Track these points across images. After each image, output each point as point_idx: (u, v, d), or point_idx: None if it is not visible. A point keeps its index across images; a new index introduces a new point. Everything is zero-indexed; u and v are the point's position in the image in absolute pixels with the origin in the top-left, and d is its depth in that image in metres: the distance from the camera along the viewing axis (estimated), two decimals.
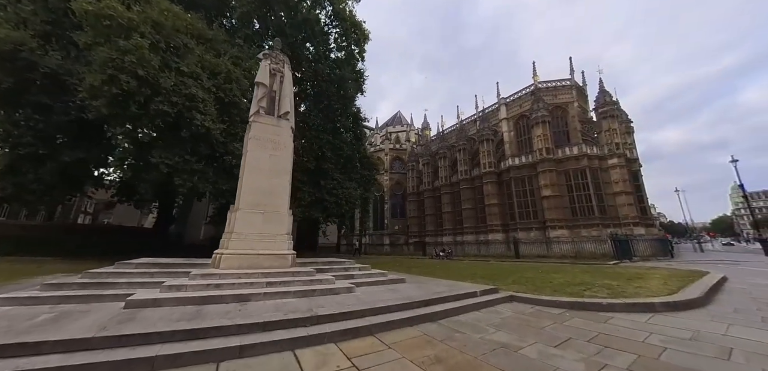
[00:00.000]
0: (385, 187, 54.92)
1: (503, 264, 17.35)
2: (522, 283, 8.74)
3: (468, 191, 40.44)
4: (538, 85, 36.78)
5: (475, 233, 37.88)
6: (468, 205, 39.99)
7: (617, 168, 30.54)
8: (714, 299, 6.50)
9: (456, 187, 42.63)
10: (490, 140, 38.70)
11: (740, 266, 14.52)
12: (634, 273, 10.50)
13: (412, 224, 49.81)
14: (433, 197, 47.02)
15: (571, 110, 35.95)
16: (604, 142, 31.87)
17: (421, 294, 6.34)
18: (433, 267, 15.67)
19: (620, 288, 7.42)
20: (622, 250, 18.84)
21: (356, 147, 28.99)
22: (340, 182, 25.67)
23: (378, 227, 54.68)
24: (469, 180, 40.59)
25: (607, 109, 32.76)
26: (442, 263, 19.85)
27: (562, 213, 30.48)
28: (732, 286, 8.21)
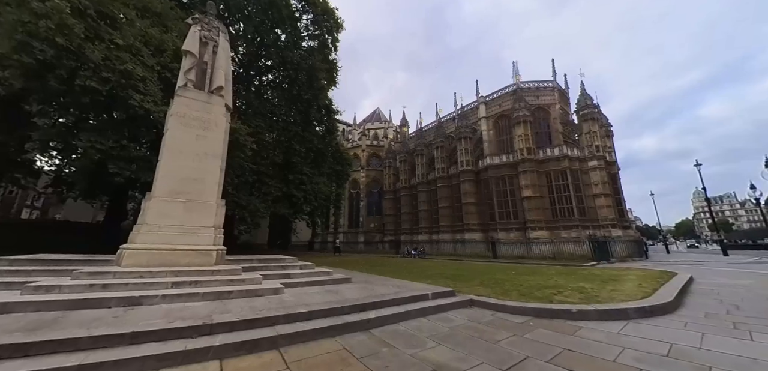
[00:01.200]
0: (362, 184, 54.20)
1: (477, 264, 16.97)
2: (488, 285, 8.22)
3: (445, 190, 40.28)
4: (520, 85, 37.10)
5: (451, 232, 37.73)
6: (445, 203, 39.84)
7: (597, 170, 31.14)
8: (685, 302, 6.20)
9: (433, 185, 42.43)
10: (468, 138, 38.65)
11: (703, 267, 15.12)
12: (610, 275, 10.26)
13: (389, 222, 49.32)
14: (410, 195, 46.70)
15: (553, 112, 36.47)
16: (585, 144, 32.44)
17: (362, 296, 5.64)
18: (399, 266, 15.08)
19: (594, 291, 7.01)
20: (600, 251, 18.97)
21: (328, 141, 28.09)
22: (309, 176, 24.73)
23: (354, 225, 53.90)
24: (446, 178, 40.45)
25: (588, 111, 33.38)
26: (411, 262, 19.32)
27: (542, 214, 30.74)
28: (699, 287, 8.13)
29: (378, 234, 50.52)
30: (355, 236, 51.91)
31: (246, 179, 21.25)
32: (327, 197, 28.71)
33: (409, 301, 5.57)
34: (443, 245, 36.63)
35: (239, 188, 20.64)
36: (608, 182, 30.84)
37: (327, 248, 53.38)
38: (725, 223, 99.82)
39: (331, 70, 27.47)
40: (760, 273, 11.52)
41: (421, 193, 44.00)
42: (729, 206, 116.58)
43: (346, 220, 54.71)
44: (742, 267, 14.52)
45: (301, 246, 51.73)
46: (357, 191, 55.14)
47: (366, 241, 50.05)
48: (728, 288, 7.88)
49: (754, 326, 4.44)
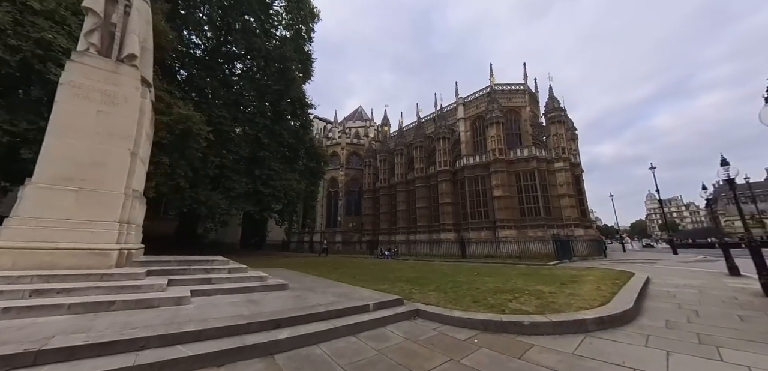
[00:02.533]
0: (341, 183, 52.86)
1: (443, 265, 16.31)
2: (444, 290, 7.44)
3: (423, 190, 39.81)
4: (494, 87, 37.05)
5: (428, 232, 37.27)
6: (422, 203, 39.35)
7: (562, 171, 31.51)
8: (644, 307, 5.64)
9: (411, 185, 41.86)
10: (447, 138, 38.34)
11: (657, 265, 15.18)
12: (570, 276, 9.77)
13: (367, 222, 48.32)
14: (389, 194, 45.95)
15: (524, 114, 36.64)
16: (552, 146, 32.79)
17: (286, 308, 4.66)
18: (363, 269, 14.16)
19: (552, 295, 6.35)
20: (563, 251, 18.84)
21: (301, 136, 26.74)
22: (279, 172, 23.30)
23: (332, 225, 52.45)
24: (425, 178, 40.00)
25: (555, 114, 33.77)
26: (379, 263, 18.45)
27: (511, 213, 30.75)
28: (656, 289, 7.69)
29: (356, 234, 49.37)
30: (333, 236, 50.29)
31: (207, 173, 19.58)
32: (299, 195, 27.32)
33: (342, 314, 4.63)
34: (420, 246, 35.98)
35: (198, 182, 18.99)
36: (572, 183, 31.27)
37: (303, 248, 51.80)
38: (673, 223, 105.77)
39: (306, 62, 26.11)
40: (708, 272, 11.54)
41: (400, 193, 43.34)
42: (676, 208, 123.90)
43: (324, 219, 53.19)
44: (691, 266, 14.72)
45: (276, 246, 49.87)
46: (336, 189, 53.73)
47: (344, 241, 48.57)
48: (683, 290, 7.49)
49: (718, 338, 3.83)
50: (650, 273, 11.12)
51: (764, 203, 65.03)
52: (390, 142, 50.79)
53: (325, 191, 53.88)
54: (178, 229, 26.08)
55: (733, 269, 10.39)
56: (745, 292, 7.23)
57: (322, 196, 53.68)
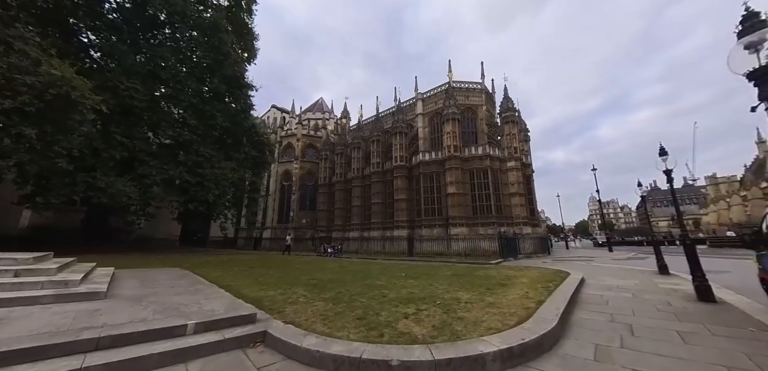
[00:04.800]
0: (295, 176, 50.07)
1: (379, 264, 15.01)
2: (342, 299, 6.07)
3: (379, 185, 38.57)
4: (452, 84, 36.67)
5: (381, 228, 36.11)
6: (377, 199, 38.12)
7: (514, 171, 31.97)
8: (573, 321, 4.65)
9: (367, 180, 40.48)
10: (404, 133, 37.41)
11: (593, 263, 15.42)
12: (504, 277, 8.90)
13: (321, 218, 46.19)
14: (345, 189, 44.20)
15: (480, 113, 36.74)
16: (505, 145, 33.19)
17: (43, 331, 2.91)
18: (282, 268, 12.46)
19: (467, 307, 5.19)
20: (509, 248, 18.60)
21: (240, 121, 24.02)
22: (209, 158, 20.59)
23: (284, 220, 49.46)
24: (381, 173, 38.78)
25: (509, 114, 34.26)
26: (311, 262, 16.82)
27: (463, 211, 30.50)
28: (589, 294, 6.90)
29: (309, 230, 46.95)
30: (284, 233, 47.17)
31: (112, 154, 16.51)
32: (237, 186, 24.63)
33: (143, 340, 2.99)
34: (372, 243, 34.55)
35: (99, 165, 15.91)
36: (523, 183, 31.82)
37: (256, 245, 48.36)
38: (610, 223, 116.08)
39: (246, 37, 23.31)
40: (639, 270, 11.48)
41: (356, 188, 41.70)
42: (613, 209, 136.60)
43: (275, 214, 49.98)
44: (623, 263, 14.93)
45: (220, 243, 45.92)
46: (289, 183, 50.76)
47: (296, 237, 45.65)
48: (617, 294, 6.78)
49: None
50: (586, 272, 10.86)
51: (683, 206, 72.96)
52: (348, 135, 49.00)
53: (278, 184, 50.76)
54: (84, 221, 22.26)
55: (663, 268, 10.34)
56: (677, 295, 6.69)
57: (275, 190, 50.53)
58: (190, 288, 6.52)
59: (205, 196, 20.24)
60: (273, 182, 50.57)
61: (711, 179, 75.29)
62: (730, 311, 5.26)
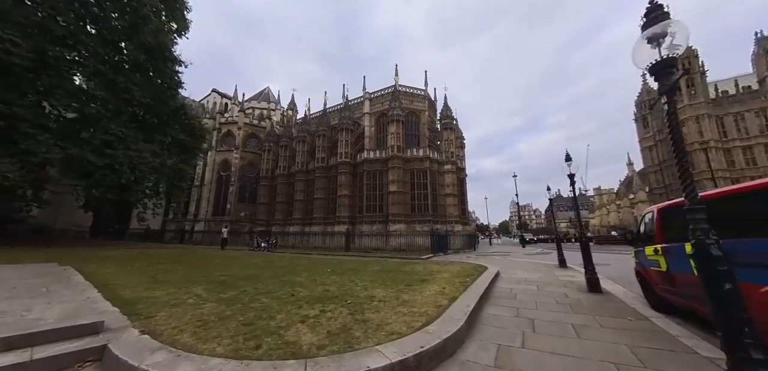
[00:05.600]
0: (235, 166, 45.84)
1: (308, 259, 14.05)
2: (241, 301, 5.16)
3: (322, 180, 37.09)
4: (398, 87, 36.79)
5: (323, 224, 34.77)
6: (321, 195, 36.64)
7: (450, 173, 33.39)
8: (481, 318, 4.41)
9: (311, 174, 38.69)
10: (350, 130, 36.48)
11: (509, 257, 16.30)
12: (428, 272, 8.71)
13: (261, 212, 42.96)
14: (288, 183, 41.70)
15: (423, 118, 37.52)
16: (443, 149, 34.46)
17: None
18: (202, 263, 10.86)
19: (377, 307, 4.66)
20: (440, 244, 19.00)
21: (164, 99, 20.70)
22: (122, 138, 17.32)
23: (220, 213, 44.89)
24: (325, 168, 37.35)
25: (448, 121, 35.72)
26: (235, 258, 15.22)
27: (403, 208, 30.81)
28: (501, 288, 6.93)
29: (248, 224, 43.20)
30: (220, 226, 42.42)
31: None
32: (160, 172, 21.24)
33: None
34: (314, 238, 32.72)
35: None
36: (457, 185, 33.29)
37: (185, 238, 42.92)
38: (525, 224, 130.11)
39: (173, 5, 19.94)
40: (544, 264, 12.35)
41: (299, 182, 39.52)
42: (528, 212, 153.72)
43: (210, 206, 45.05)
44: (533, 258, 16.11)
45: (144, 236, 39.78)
46: (228, 173, 46.24)
47: (233, 231, 41.31)
48: (524, 288, 6.93)
49: None
50: (502, 266, 11.33)
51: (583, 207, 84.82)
52: (294, 128, 46.37)
53: (215, 174, 45.85)
54: None
55: (562, 262, 11.27)
56: (572, 286, 7.07)
57: (212, 180, 45.56)
58: (42, 288, 4.90)
59: (115, 181, 16.93)
60: (209, 172, 45.53)
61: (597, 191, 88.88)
62: (612, 300, 5.59)
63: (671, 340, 3.51)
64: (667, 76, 2.35)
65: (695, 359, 3.09)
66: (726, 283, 2.02)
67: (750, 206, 3.25)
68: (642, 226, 5.44)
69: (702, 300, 3.83)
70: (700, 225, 2.16)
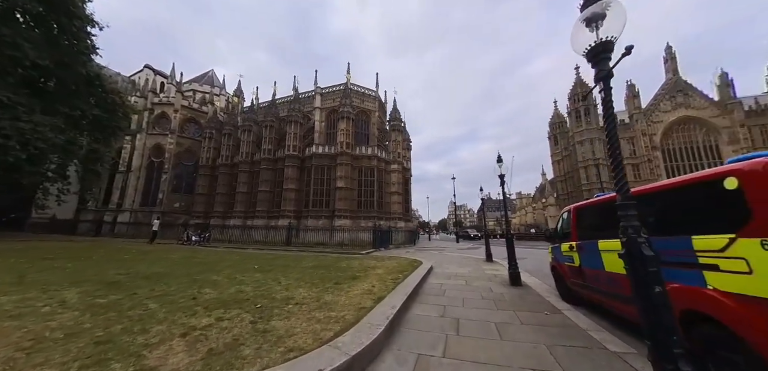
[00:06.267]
0: (169, 152, 40.00)
1: (237, 255, 12.47)
2: (120, 307, 3.91)
3: (268, 173, 34.21)
4: (350, 85, 35.69)
5: (266, 217, 32.09)
6: (266, 187, 33.76)
7: (396, 173, 33.42)
8: (405, 320, 3.86)
9: (257, 166, 35.45)
10: (300, 123, 34.22)
11: (444, 252, 16.42)
12: (364, 267, 8.08)
13: (199, 203, 38.15)
14: (230, 174, 37.65)
15: (373, 118, 36.97)
16: (391, 150, 34.39)
17: None
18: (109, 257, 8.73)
19: (293, 310, 3.85)
20: (382, 239, 18.63)
21: (69, 63, 16.60)
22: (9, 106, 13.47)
23: (150, 203, 38.78)
24: (272, 161, 34.50)
25: (396, 123, 35.74)
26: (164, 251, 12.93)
27: (349, 204, 29.91)
28: (432, 284, 6.55)
29: (184, 216, 37.96)
30: (149, 217, 36.31)
31: None
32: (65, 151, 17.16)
33: None
34: (256, 232, 29.87)
35: None
36: (402, 184, 33.48)
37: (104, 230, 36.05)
38: (460, 222, 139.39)
39: None
40: (474, 258, 12.64)
41: (243, 174, 35.82)
42: (463, 212, 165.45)
43: (138, 195, 38.63)
44: (465, 252, 16.55)
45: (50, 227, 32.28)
46: (161, 159, 40.13)
47: (166, 223, 35.55)
48: (453, 283, 6.69)
49: None
50: (437, 261, 11.26)
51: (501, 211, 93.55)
52: (239, 117, 42.07)
53: (145, 159, 39.33)
54: None
55: (489, 257, 11.63)
56: (496, 280, 7.07)
57: (141, 166, 38.95)
58: None
59: (5, 161, 13.00)
60: (138, 157, 38.87)
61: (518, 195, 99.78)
62: (530, 294, 5.57)
63: (583, 335, 3.37)
64: (604, 60, 1.99)
65: (606, 355, 2.92)
66: (656, 286, 1.69)
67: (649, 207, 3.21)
68: (559, 224, 5.52)
69: (606, 295, 3.85)
70: (631, 222, 1.82)
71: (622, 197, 1.89)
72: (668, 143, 45.23)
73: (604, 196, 4.29)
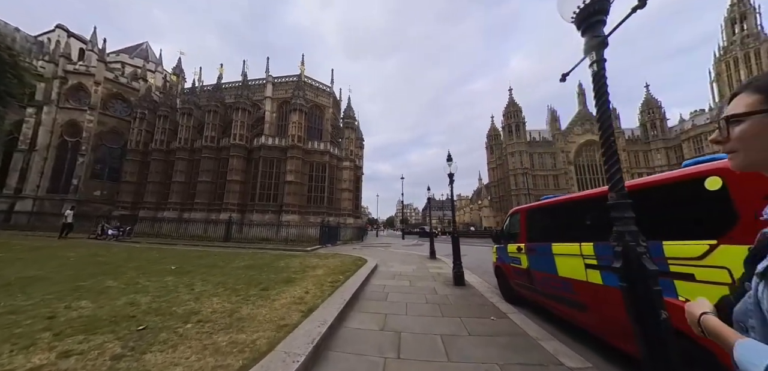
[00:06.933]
0: (89, 131, 32.89)
1: (157, 252, 10.32)
2: None
3: (210, 162, 30.23)
4: (304, 78, 33.34)
5: (207, 210, 28.29)
6: (207, 178, 29.76)
7: (348, 170, 32.35)
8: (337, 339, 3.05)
9: (197, 154, 31.06)
10: (248, 111, 30.89)
11: (390, 249, 15.99)
12: (304, 266, 7.04)
13: (127, 192, 32.14)
14: (166, 161, 32.41)
15: (327, 114, 35.23)
16: (344, 147, 33.15)
17: None
18: None
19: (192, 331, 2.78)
20: (330, 235, 17.50)
21: None
22: None
23: (62, 190, 31.38)
24: (215, 149, 30.57)
25: (350, 121, 34.63)
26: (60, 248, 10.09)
27: (298, 199, 27.95)
28: (373, 287, 5.78)
29: (107, 206, 31.45)
30: (59, 206, 28.88)
31: None
32: None
33: None
34: (194, 226, 25.42)
35: None
36: (353, 181, 32.54)
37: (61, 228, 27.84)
38: (407, 220, 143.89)
39: None
40: (418, 255, 12.39)
41: (181, 161, 31.01)
42: (410, 210, 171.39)
43: (46, 179, 30.95)
44: (410, 249, 16.26)
45: None
46: (77, 139, 32.78)
47: (82, 214, 28.49)
48: (397, 284, 6.10)
49: None
50: (382, 258, 10.69)
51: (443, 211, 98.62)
52: (179, 98, 36.46)
53: (55, 137, 31.53)
54: None
55: (433, 253, 11.47)
56: (440, 279, 6.68)
57: (49, 145, 31.07)
58: None
59: None
60: (45, 134, 30.99)
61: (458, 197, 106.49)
62: (475, 295, 5.20)
63: (535, 347, 2.96)
64: (597, 25, 1.45)
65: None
66: (662, 311, 1.17)
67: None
68: (507, 224, 5.26)
69: (556, 299, 3.47)
70: (628, 227, 1.30)
71: (617, 195, 1.36)
72: (579, 160, 52.41)
73: (557, 198, 4.00)
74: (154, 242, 14.97)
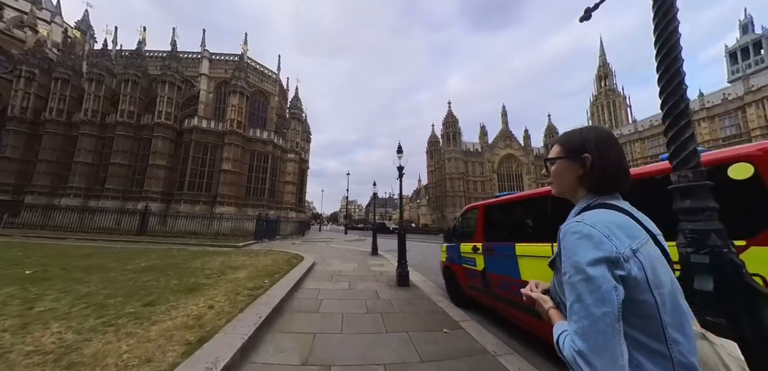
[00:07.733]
0: None
1: (20, 250, 7.44)
2: None
3: (127, 141, 24.41)
4: (248, 59, 29.21)
5: (121, 199, 22.79)
6: (123, 160, 23.95)
7: (293, 162, 29.78)
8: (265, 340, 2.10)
9: (109, 131, 24.81)
10: (178, 87, 25.76)
11: (331, 244, 14.92)
12: (226, 267, 5.61)
13: (8, 171, 23.86)
14: (65, 136, 25.13)
15: (272, 102, 31.74)
16: (289, 138, 30.41)
17: None
18: None
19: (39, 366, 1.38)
20: (268, 230, 15.50)
21: None
22: None
23: None
24: (135, 127, 24.81)
25: (297, 112, 32.02)
26: None
27: (236, 190, 24.52)
28: (305, 292, 4.74)
29: None
30: None
31: None
32: None
33: None
34: (104, 216, 19.44)
35: None
36: (298, 175, 30.20)
37: None
38: (351, 215, 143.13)
39: None
40: (360, 251, 11.64)
41: (87, 138, 24.30)
42: (354, 207, 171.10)
43: None
44: (351, 244, 15.26)
45: None
46: None
47: None
48: (334, 287, 5.21)
49: None
50: (322, 254, 9.65)
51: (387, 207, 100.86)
52: (84, 60, 28.49)
53: None
54: None
55: (375, 250, 10.89)
56: (383, 280, 6.01)
57: None
58: None
59: None
60: None
61: None
62: (421, 298, 4.59)
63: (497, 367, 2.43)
64: None
65: None
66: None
67: None
68: (460, 222, 4.75)
69: (515, 305, 2.95)
70: (712, 224, 0.71)
71: (694, 175, 0.77)
72: (501, 170, 59.12)
73: (521, 193, 3.57)
74: (33, 236, 10.89)
